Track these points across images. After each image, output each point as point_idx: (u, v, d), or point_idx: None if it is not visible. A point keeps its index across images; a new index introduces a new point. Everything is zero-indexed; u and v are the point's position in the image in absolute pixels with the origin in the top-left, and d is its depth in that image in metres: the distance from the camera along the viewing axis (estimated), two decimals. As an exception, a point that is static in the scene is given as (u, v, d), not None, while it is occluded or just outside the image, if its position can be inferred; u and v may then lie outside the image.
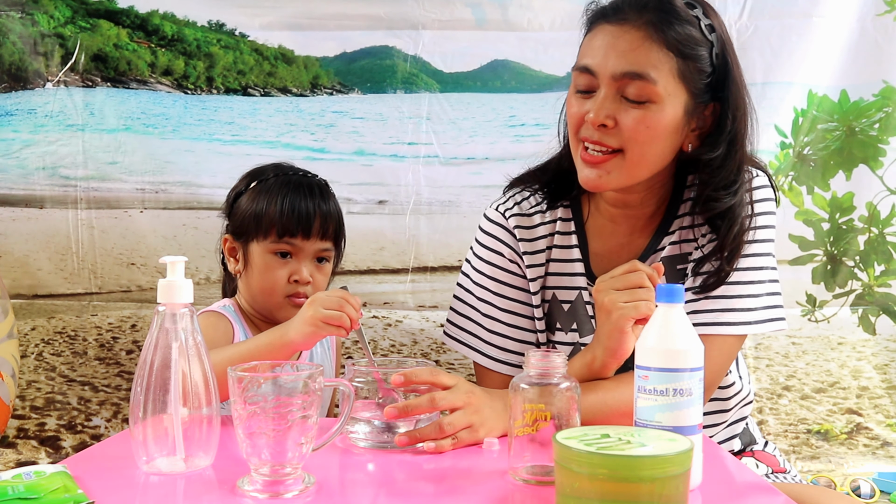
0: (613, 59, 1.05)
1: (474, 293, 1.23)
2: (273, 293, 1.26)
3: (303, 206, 1.25)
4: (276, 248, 1.25)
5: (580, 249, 1.19)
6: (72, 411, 1.93)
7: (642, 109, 1.04)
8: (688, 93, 1.06)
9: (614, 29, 1.06)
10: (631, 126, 1.04)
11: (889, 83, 1.88)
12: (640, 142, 1.05)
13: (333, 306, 1.03)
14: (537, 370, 0.83)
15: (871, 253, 1.92)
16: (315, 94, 1.94)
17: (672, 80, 1.04)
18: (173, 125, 1.92)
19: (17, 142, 1.92)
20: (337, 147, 1.91)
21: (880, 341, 1.93)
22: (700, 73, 1.06)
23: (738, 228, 1.09)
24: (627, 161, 1.06)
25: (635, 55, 1.03)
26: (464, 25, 1.88)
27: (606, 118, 1.05)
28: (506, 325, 1.21)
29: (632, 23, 1.04)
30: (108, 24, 1.91)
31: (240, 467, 0.82)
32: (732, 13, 1.87)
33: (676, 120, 1.06)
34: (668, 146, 1.07)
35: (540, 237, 1.21)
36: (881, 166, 1.90)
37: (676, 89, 1.05)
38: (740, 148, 1.08)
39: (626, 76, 1.04)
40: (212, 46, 1.92)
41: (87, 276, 1.92)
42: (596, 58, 1.06)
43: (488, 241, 1.23)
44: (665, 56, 1.03)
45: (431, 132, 1.90)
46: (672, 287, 0.80)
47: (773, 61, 1.88)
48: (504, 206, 1.23)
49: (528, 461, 0.83)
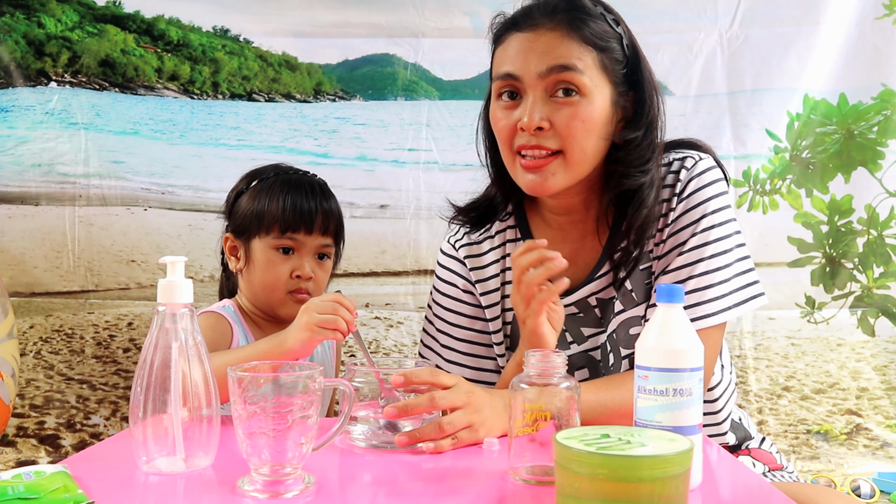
0: (535, 59, 1.05)
1: (434, 324, 1.27)
2: (275, 289, 1.27)
3: (305, 203, 1.27)
4: (278, 244, 1.26)
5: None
6: (70, 410, 1.93)
7: (573, 106, 1.05)
8: (610, 83, 1.08)
9: (528, 35, 1.07)
10: (566, 124, 1.05)
11: (888, 86, 1.89)
12: (577, 138, 1.06)
13: (328, 311, 1.04)
14: (537, 370, 0.83)
15: (870, 255, 1.93)
16: (318, 101, 1.97)
17: (596, 72, 1.06)
18: (181, 130, 1.94)
19: (13, 138, 1.92)
20: (340, 152, 1.95)
21: (879, 343, 1.94)
22: (617, 64, 1.08)
23: (646, 212, 1.09)
24: (568, 160, 1.07)
25: (558, 51, 1.05)
26: (462, 34, 1.91)
27: (541, 120, 1.05)
28: (461, 353, 1.24)
29: (544, 26, 1.06)
30: (115, 29, 1.93)
31: (240, 467, 0.82)
32: (723, 23, 1.89)
33: (605, 110, 1.07)
34: (602, 138, 1.08)
35: (490, 263, 1.23)
36: (880, 169, 1.91)
37: (601, 80, 1.07)
38: (654, 129, 1.11)
39: (553, 70, 1.04)
40: (217, 52, 1.94)
41: (84, 274, 1.92)
42: (516, 63, 1.07)
43: (444, 274, 1.27)
44: (585, 50, 1.06)
45: (431, 139, 1.94)
46: (672, 287, 0.80)
47: (762, 69, 1.90)
48: (455, 238, 1.26)
49: (528, 461, 0.83)
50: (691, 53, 1.91)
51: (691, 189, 1.10)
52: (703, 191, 1.10)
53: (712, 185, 1.10)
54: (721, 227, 1.10)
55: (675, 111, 1.94)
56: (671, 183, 1.11)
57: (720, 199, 1.11)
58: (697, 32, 1.90)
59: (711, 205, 1.09)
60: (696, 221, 1.09)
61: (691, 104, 1.92)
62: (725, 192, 1.13)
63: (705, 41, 1.90)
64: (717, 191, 1.11)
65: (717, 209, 1.10)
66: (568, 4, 1.07)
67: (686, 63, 1.91)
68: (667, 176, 1.12)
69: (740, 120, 1.92)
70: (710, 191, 1.10)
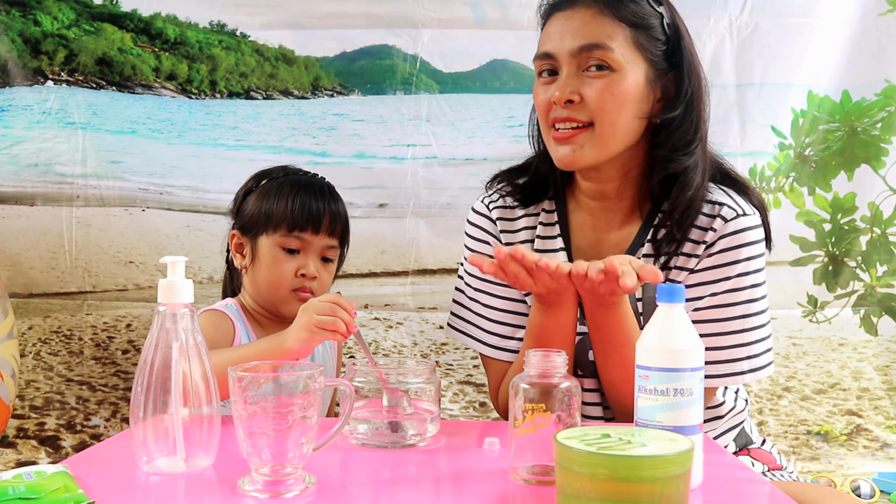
0: (569, 38, 1.09)
1: (471, 284, 1.25)
2: (280, 286, 1.28)
3: (313, 203, 1.28)
4: (285, 243, 1.27)
5: (563, 240, 1.20)
6: (71, 411, 1.92)
7: (604, 79, 1.07)
8: (646, 61, 1.09)
9: (566, 13, 1.11)
10: (596, 97, 1.07)
11: (891, 83, 1.88)
12: (607, 111, 1.07)
13: (326, 311, 1.04)
14: (537, 370, 0.83)
15: (873, 253, 1.92)
16: (316, 96, 1.94)
17: (629, 49, 1.08)
18: (178, 130, 1.93)
19: (8, 138, 1.90)
20: (338, 150, 1.92)
21: (882, 342, 1.93)
22: (654, 42, 1.09)
23: (691, 194, 1.09)
24: (598, 133, 1.08)
25: (589, 29, 1.08)
26: (463, 24, 1.88)
27: (571, 93, 1.08)
28: (501, 311, 1.22)
29: (581, 3, 1.10)
30: (112, 27, 1.91)
31: (240, 467, 0.82)
32: (733, 9, 1.87)
33: (639, 87, 1.08)
34: (635, 115, 1.09)
35: (521, 229, 1.23)
36: (883, 166, 1.90)
37: (634, 57, 1.08)
38: (696, 109, 1.11)
39: (584, 49, 1.07)
40: (213, 48, 1.92)
41: (81, 275, 1.91)
42: (552, 42, 1.11)
43: (475, 233, 1.26)
44: (618, 27, 1.07)
45: (430, 133, 1.90)
46: (672, 287, 0.80)
47: (771, 61, 1.88)
48: (489, 199, 1.26)
49: (529, 461, 0.82)
50: (700, 41, 1.87)
51: (722, 247, 1.08)
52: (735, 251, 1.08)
53: (746, 247, 1.09)
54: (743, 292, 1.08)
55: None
56: (703, 226, 1.10)
57: (751, 262, 1.09)
58: (706, 19, 1.88)
59: (739, 267, 1.08)
60: (718, 281, 1.08)
61: None
62: (761, 254, 1.11)
63: (714, 28, 1.88)
64: (750, 254, 1.09)
65: (745, 272, 1.08)
66: None
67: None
68: (697, 215, 1.10)
69: (748, 115, 1.90)
70: (744, 252, 1.08)
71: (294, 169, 1.36)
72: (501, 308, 1.22)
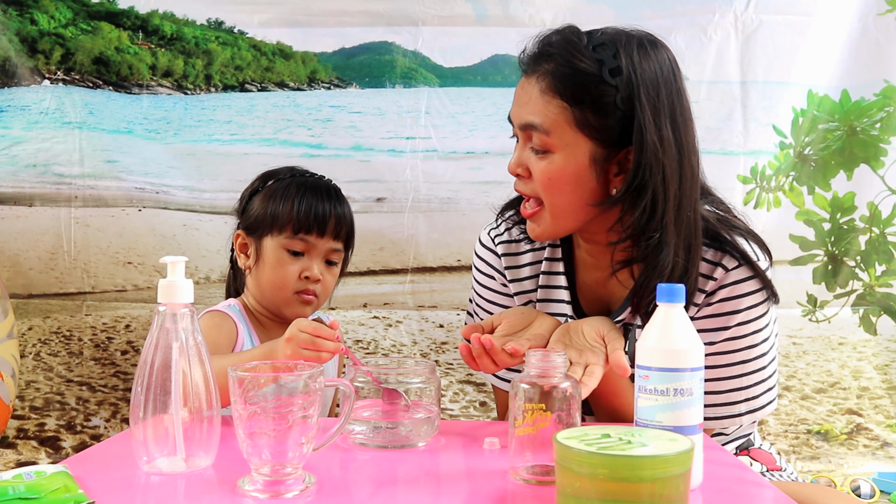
0: (517, 110, 1.07)
1: (478, 315, 1.26)
2: (283, 288, 1.28)
3: (319, 205, 1.28)
4: (290, 245, 1.28)
5: (566, 278, 1.18)
6: (71, 411, 1.92)
7: (545, 160, 1.04)
8: (591, 140, 1.01)
9: (524, 81, 1.07)
10: (538, 177, 1.05)
11: (890, 83, 1.88)
12: (548, 192, 1.05)
13: (307, 346, 1.01)
14: (537, 370, 0.83)
15: (873, 253, 1.92)
16: (312, 89, 1.92)
17: (569, 130, 1.01)
18: (174, 129, 1.91)
19: (7, 138, 1.90)
20: (334, 143, 1.89)
21: (881, 342, 1.93)
22: (605, 118, 1.01)
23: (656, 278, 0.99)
24: (547, 211, 1.06)
25: (530, 107, 1.04)
26: (464, 21, 1.86)
27: (517, 166, 1.07)
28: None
29: (535, 74, 1.04)
30: (110, 26, 1.90)
31: (240, 467, 0.82)
32: (739, 5, 1.86)
33: (581, 169, 1.02)
34: (581, 195, 1.03)
35: (526, 264, 1.21)
36: (882, 166, 1.90)
37: (575, 139, 1.01)
38: (656, 189, 0.99)
39: (526, 127, 1.05)
40: (210, 43, 1.91)
41: (80, 276, 1.91)
42: (512, 107, 1.09)
43: (482, 266, 1.26)
44: (558, 107, 1.01)
45: (430, 126, 1.87)
46: (672, 287, 0.80)
47: (774, 59, 1.88)
48: (495, 232, 1.24)
49: (529, 461, 0.83)
50: (705, 36, 1.87)
51: (722, 296, 1.05)
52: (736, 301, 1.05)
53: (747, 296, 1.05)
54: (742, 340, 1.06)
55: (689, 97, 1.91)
56: (704, 273, 1.05)
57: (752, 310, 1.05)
58: (711, 15, 1.87)
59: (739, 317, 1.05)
60: (717, 330, 1.05)
61: (705, 90, 1.88)
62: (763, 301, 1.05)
63: (720, 23, 1.87)
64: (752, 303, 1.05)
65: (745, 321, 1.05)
66: (559, 48, 1.03)
67: (700, 46, 1.86)
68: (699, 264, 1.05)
69: (751, 113, 1.89)
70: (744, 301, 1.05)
71: (301, 170, 1.36)
72: None
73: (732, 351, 1.07)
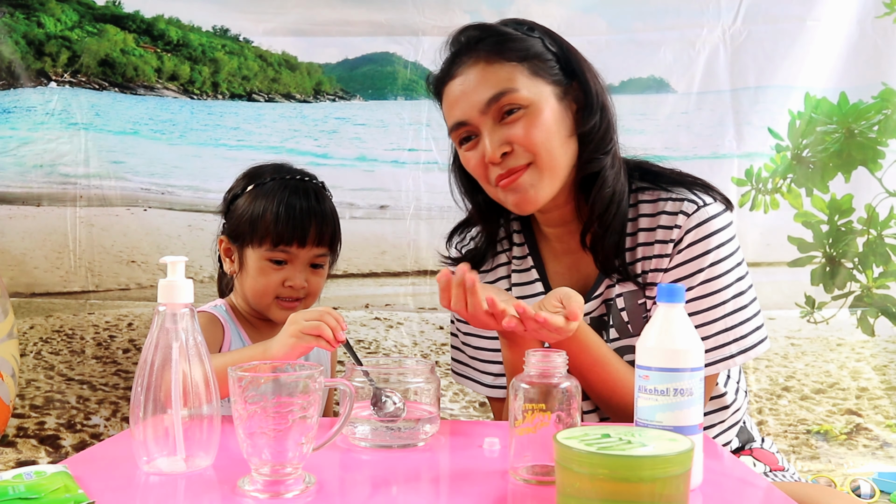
0: (473, 97, 1.09)
1: (461, 329, 1.28)
2: (265, 294, 1.28)
3: (298, 215, 1.26)
4: (271, 256, 1.27)
5: (537, 270, 1.22)
6: (71, 410, 1.93)
7: (524, 119, 1.08)
8: (549, 83, 1.10)
9: (457, 80, 1.11)
10: (524, 138, 1.08)
11: (888, 85, 1.89)
12: (540, 144, 1.08)
13: (313, 318, 1.02)
14: (537, 370, 0.83)
15: (870, 255, 1.93)
16: (318, 101, 1.97)
17: (529, 81, 1.09)
18: (180, 131, 1.94)
19: (15, 139, 1.92)
20: (339, 153, 1.95)
21: (879, 342, 1.94)
22: (547, 63, 1.11)
23: (609, 191, 1.11)
24: (540, 167, 1.09)
25: (486, 81, 1.08)
26: None
27: (502, 146, 1.09)
28: (492, 350, 1.24)
29: (467, 64, 1.10)
30: (115, 28, 1.93)
31: (240, 467, 0.82)
32: (726, 19, 1.88)
33: (555, 111, 1.10)
34: (565, 137, 1.11)
35: (497, 265, 1.25)
36: (880, 168, 1.91)
37: (538, 85, 1.09)
38: (605, 106, 1.13)
39: (492, 101, 1.08)
40: (217, 52, 1.94)
41: (85, 275, 1.93)
42: (460, 108, 1.11)
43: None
44: (511, 67, 1.09)
45: (431, 138, 1.93)
46: (672, 287, 0.80)
47: (766, 65, 1.89)
48: (461, 245, 1.29)
49: (529, 461, 0.83)
50: (693, 50, 1.90)
51: (689, 241, 1.10)
52: (704, 241, 1.09)
53: (713, 235, 1.10)
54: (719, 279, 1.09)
55: (677, 108, 1.93)
56: (667, 225, 1.11)
57: (723, 248, 1.10)
58: (700, 29, 1.89)
59: (710, 257, 1.09)
60: (693, 275, 1.09)
61: (694, 101, 1.91)
62: (730, 239, 1.11)
63: (708, 37, 1.89)
64: (720, 241, 1.10)
65: (717, 260, 1.09)
66: (481, 33, 1.11)
67: (689, 59, 1.90)
68: (660, 215, 1.12)
69: (743, 118, 1.91)
70: (712, 241, 1.09)
71: (285, 170, 1.33)
72: (491, 348, 1.24)
73: (712, 293, 1.09)
